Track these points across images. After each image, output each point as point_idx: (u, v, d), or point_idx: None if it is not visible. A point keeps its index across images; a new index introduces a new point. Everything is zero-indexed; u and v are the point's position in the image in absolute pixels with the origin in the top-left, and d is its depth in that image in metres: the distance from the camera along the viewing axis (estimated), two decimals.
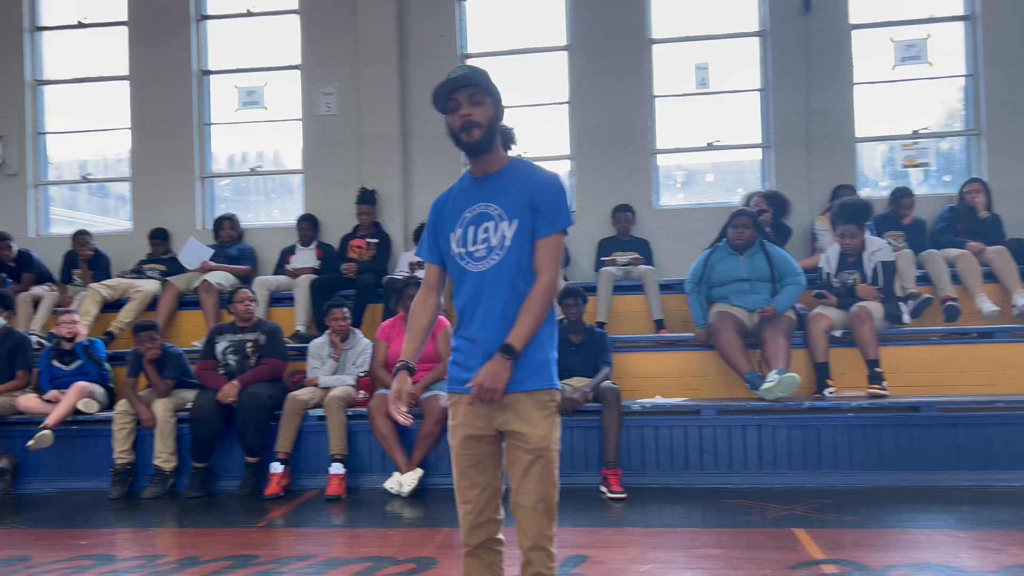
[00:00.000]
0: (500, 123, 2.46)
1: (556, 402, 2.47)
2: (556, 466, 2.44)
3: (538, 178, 2.42)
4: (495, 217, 2.40)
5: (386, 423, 5.47)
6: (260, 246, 7.86)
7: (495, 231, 2.39)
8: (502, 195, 2.41)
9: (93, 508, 5.37)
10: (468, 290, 2.43)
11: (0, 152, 8.12)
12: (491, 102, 2.44)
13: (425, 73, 7.82)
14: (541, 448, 2.39)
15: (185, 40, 8.08)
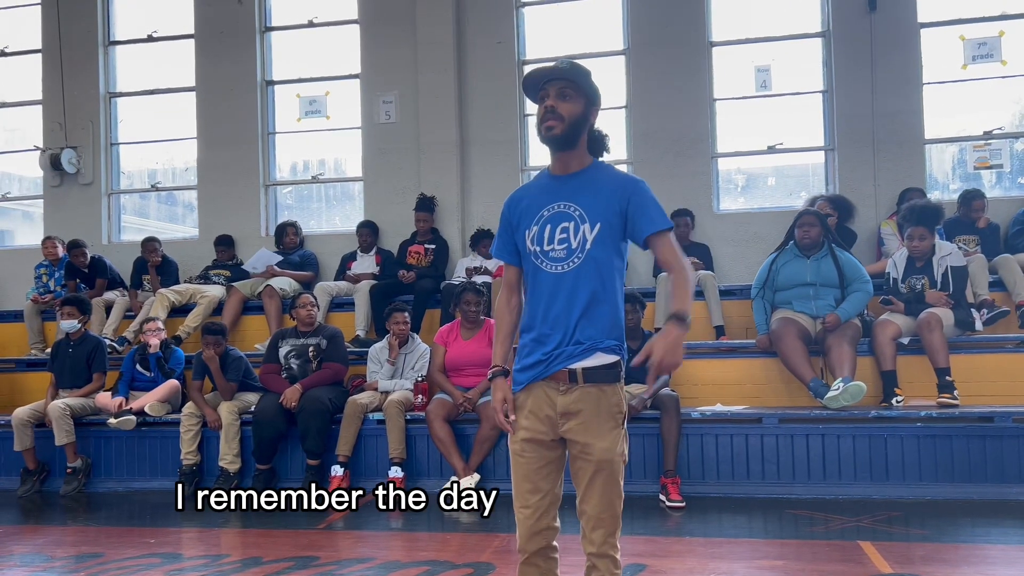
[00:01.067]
0: (588, 123, 2.37)
1: (624, 413, 2.38)
2: (621, 475, 2.38)
3: (627, 181, 2.37)
4: (575, 218, 2.32)
5: (444, 427, 5.51)
6: (321, 252, 8.00)
7: (575, 232, 2.31)
8: (583, 196, 2.34)
9: (161, 508, 5.52)
10: (543, 290, 2.35)
11: (76, 162, 8.45)
12: (582, 100, 2.34)
13: (483, 80, 7.89)
14: (605, 460, 2.33)
15: (250, 52, 8.29)
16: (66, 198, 8.55)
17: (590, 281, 2.30)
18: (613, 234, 2.31)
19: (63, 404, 5.99)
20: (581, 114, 2.33)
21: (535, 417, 2.36)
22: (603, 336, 2.31)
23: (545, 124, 2.32)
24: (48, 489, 6.07)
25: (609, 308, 2.32)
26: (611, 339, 2.32)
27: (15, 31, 8.86)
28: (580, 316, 2.29)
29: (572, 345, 2.31)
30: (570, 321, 2.30)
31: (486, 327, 5.90)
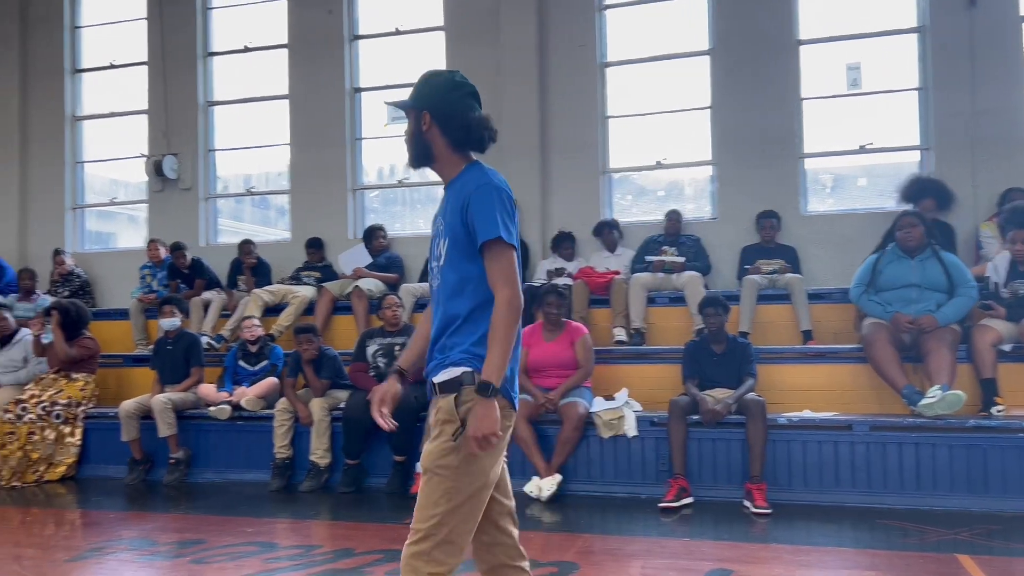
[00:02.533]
0: (428, 130, 2.31)
1: (456, 425, 2.18)
2: (444, 490, 2.17)
3: (469, 186, 2.25)
4: (439, 233, 2.33)
5: (525, 427, 5.58)
6: (406, 254, 8.17)
7: (439, 248, 2.32)
8: (446, 209, 2.32)
9: (256, 498, 5.76)
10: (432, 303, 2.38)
11: (176, 168, 8.88)
12: (412, 114, 2.34)
13: (564, 84, 7.93)
14: (424, 466, 2.23)
15: (339, 60, 8.56)
16: (167, 202, 9.00)
17: (447, 297, 2.26)
18: (461, 246, 2.23)
19: (165, 398, 6.32)
20: (414, 129, 2.33)
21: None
22: (457, 349, 2.23)
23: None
24: (152, 478, 6.41)
25: (465, 323, 2.23)
26: (462, 352, 2.22)
27: (123, 46, 9.37)
28: (442, 331, 2.26)
29: (434, 360, 2.28)
30: (438, 336, 2.28)
31: (568, 329, 5.94)
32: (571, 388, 5.71)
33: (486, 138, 2.34)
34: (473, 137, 2.32)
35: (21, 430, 6.37)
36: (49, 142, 9.41)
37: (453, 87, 2.33)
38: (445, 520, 2.17)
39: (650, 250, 7.16)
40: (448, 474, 2.18)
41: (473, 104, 2.34)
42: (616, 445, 5.62)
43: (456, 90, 2.33)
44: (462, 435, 2.16)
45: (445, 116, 2.30)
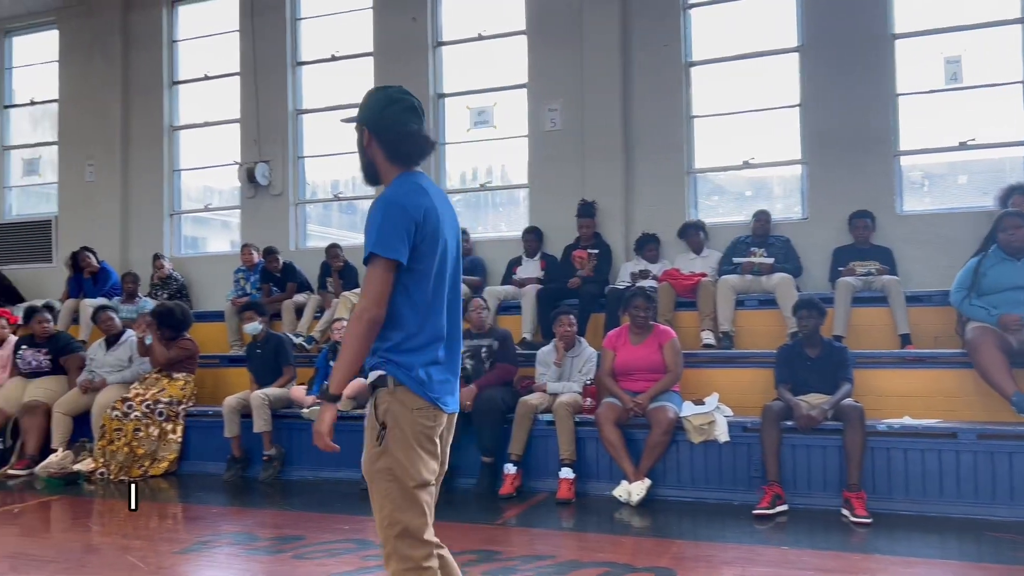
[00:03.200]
0: (369, 146, 2.42)
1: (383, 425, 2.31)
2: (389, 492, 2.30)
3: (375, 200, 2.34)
4: None
5: (614, 431, 5.55)
6: (489, 258, 8.25)
7: None
8: None
9: (349, 496, 5.86)
10: None
11: (268, 175, 9.18)
12: (358, 130, 2.45)
13: (648, 84, 7.87)
14: (366, 474, 2.37)
15: (423, 67, 8.69)
16: (259, 208, 9.31)
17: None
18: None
19: (263, 394, 6.54)
20: (358, 143, 2.45)
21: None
22: (376, 353, 2.33)
23: None
24: (248, 475, 6.63)
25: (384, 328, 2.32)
26: (379, 356, 2.33)
27: (216, 58, 9.74)
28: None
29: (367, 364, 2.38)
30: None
31: (656, 332, 5.89)
32: (660, 392, 5.66)
33: (415, 152, 2.42)
34: (402, 151, 2.40)
35: (127, 427, 6.68)
36: (148, 152, 9.85)
37: (389, 102, 2.42)
38: (394, 519, 2.29)
39: (738, 251, 7.04)
40: (381, 477, 2.30)
41: (408, 118, 2.40)
42: (707, 450, 5.53)
43: (392, 105, 2.41)
44: (384, 437, 2.29)
45: (381, 130, 2.40)
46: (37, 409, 7.07)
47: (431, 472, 2.35)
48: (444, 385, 2.38)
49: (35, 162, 10.77)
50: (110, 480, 6.56)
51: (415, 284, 2.32)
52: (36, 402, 7.10)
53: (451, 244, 2.43)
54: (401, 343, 2.31)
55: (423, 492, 2.32)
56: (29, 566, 4.27)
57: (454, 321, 2.45)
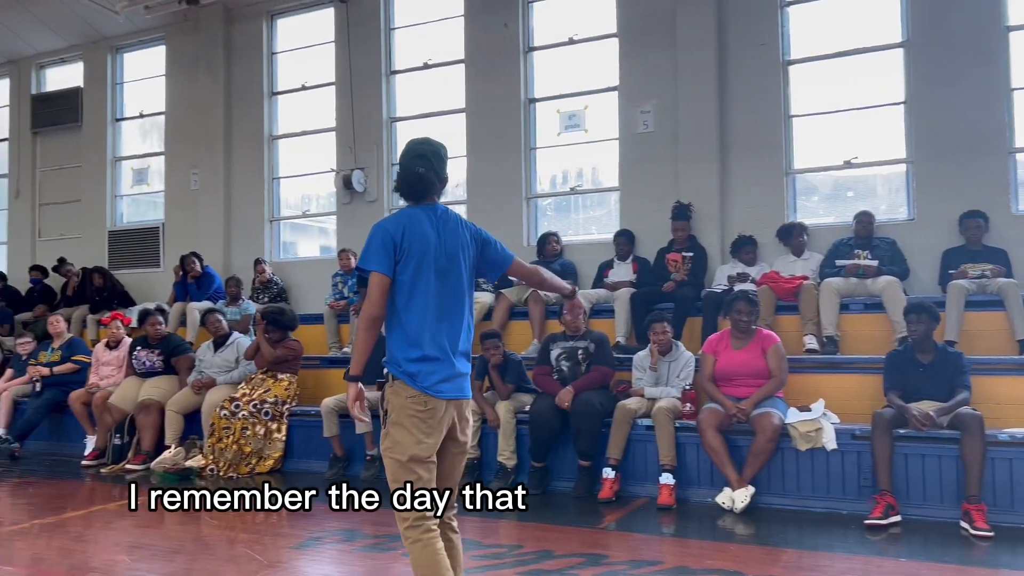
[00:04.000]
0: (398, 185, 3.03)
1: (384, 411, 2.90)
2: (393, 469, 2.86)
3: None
4: None
5: (716, 437, 5.48)
6: (579, 261, 8.25)
7: None
8: None
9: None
10: None
11: (363, 182, 9.41)
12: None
13: (745, 84, 7.74)
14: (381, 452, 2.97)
15: (514, 72, 8.77)
16: (355, 214, 9.55)
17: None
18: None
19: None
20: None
21: None
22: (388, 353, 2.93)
23: None
24: (350, 474, 6.81)
25: (386, 330, 2.95)
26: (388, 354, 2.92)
27: (313, 68, 10.05)
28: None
29: None
30: None
31: (759, 337, 5.78)
32: (764, 398, 5.55)
33: (417, 191, 2.98)
34: (404, 190, 3.00)
35: (235, 425, 6.95)
36: (249, 160, 10.23)
37: (405, 152, 3.04)
38: (401, 487, 2.82)
39: (841, 254, 6.85)
40: (386, 454, 2.88)
41: (414, 164, 2.97)
42: (813, 458, 5.40)
43: (406, 154, 3.02)
44: (387, 421, 2.88)
45: (399, 174, 3.02)
46: (151, 407, 7.42)
47: (425, 449, 2.83)
48: (433, 375, 2.86)
49: (144, 172, 11.33)
50: (219, 476, 6.83)
51: (399, 293, 2.88)
52: (150, 401, 7.46)
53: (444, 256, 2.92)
54: (396, 343, 2.90)
55: (417, 465, 2.82)
56: (151, 556, 4.49)
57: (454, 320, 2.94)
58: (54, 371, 8.34)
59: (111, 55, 11.36)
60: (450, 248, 2.94)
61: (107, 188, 11.31)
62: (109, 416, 7.54)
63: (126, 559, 4.46)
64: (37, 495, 6.39)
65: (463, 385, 2.95)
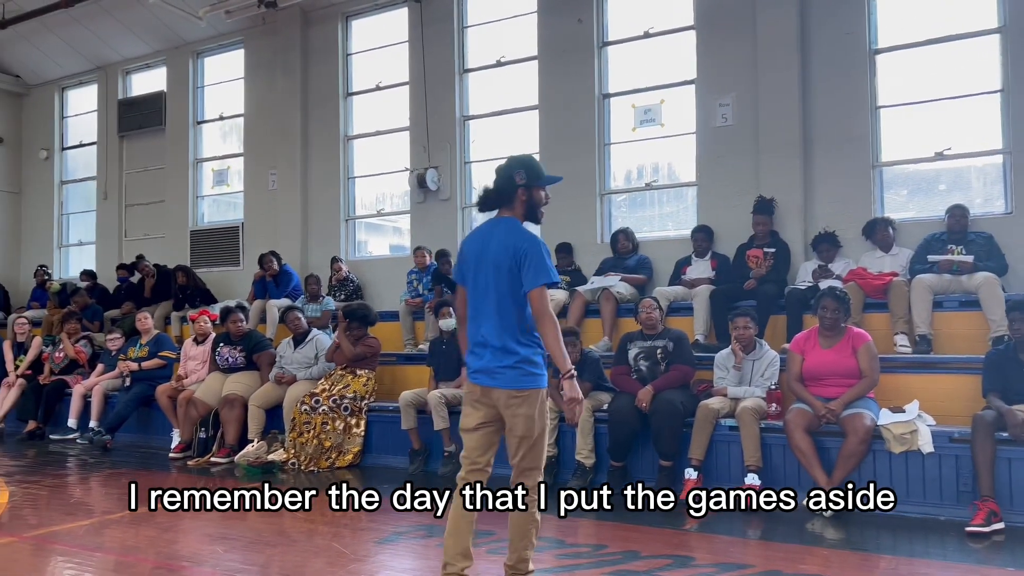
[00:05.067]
0: None
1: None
2: None
3: None
4: None
5: (805, 438, 5.31)
6: (655, 257, 8.13)
7: None
8: None
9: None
10: None
11: (437, 180, 9.47)
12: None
13: (830, 75, 7.51)
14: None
15: (588, 67, 8.69)
16: (428, 212, 9.62)
17: None
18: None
19: (439, 393, 6.73)
20: None
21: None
22: None
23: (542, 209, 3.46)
24: (429, 469, 6.85)
25: None
26: None
27: (387, 68, 10.15)
28: None
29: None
30: None
31: (849, 335, 5.58)
32: (855, 398, 5.35)
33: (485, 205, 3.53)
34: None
35: (316, 420, 7.07)
36: (326, 160, 10.41)
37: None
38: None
39: (933, 249, 6.57)
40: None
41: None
42: (907, 461, 5.19)
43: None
44: None
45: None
46: (235, 402, 7.60)
47: (466, 423, 3.45)
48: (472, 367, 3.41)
49: (224, 173, 11.65)
50: (301, 470, 6.96)
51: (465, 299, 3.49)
52: (234, 395, 7.64)
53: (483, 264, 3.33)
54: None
55: (463, 434, 3.49)
56: (241, 547, 4.58)
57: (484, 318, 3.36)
58: (142, 366, 8.63)
59: (192, 60, 11.71)
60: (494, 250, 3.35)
61: (189, 189, 11.67)
62: (194, 410, 7.75)
63: (218, 550, 4.56)
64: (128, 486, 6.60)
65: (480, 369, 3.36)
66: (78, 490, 6.52)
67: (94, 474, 7.15)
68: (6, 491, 6.28)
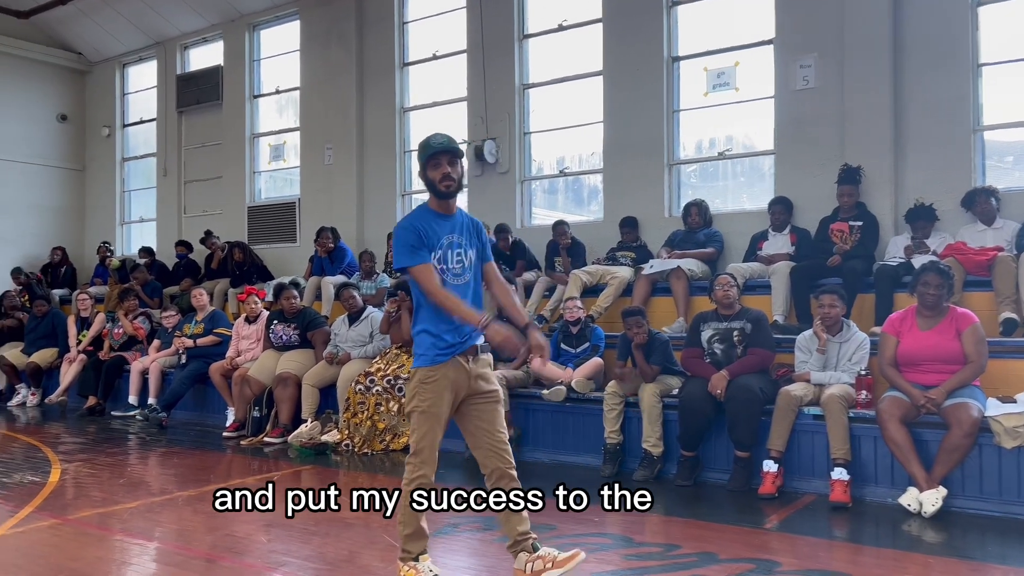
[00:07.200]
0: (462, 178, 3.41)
1: None
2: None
3: (477, 222, 3.53)
4: (463, 245, 3.42)
5: (900, 430, 4.78)
6: (728, 232, 7.63)
7: (465, 255, 3.42)
8: (462, 231, 3.43)
9: (588, 482, 5.48)
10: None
11: (495, 152, 9.08)
12: (460, 164, 3.38)
13: (926, 30, 6.84)
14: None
15: (656, 29, 8.15)
16: (486, 186, 9.25)
17: (476, 285, 3.50)
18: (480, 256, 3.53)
19: (500, 375, 6.37)
20: (461, 175, 3.38)
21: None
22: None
23: (444, 183, 3.32)
24: None
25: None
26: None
27: (444, 37, 9.77)
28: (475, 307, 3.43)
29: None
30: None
31: (951, 316, 5.00)
32: (959, 386, 4.79)
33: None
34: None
35: (370, 400, 6.81)
36: (381, 134, 10.12)
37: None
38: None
39: None
40: None
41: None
42: (1020, 457, 4.62)
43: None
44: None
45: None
46: (288, 381, 7.40)
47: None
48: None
49: (280, 148, 11.48)
50: (355, 452, 6.71)
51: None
52: (287, 374, 7.44)
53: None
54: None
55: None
56: (287, 537, 4.33)
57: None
58: (197, 343, 8.52)
59: (248, 32, 11.53)
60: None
61: (246, 164, 11.55)
62: (248, 389, 7.58)
63: (263, 540, 4.31)
64: (182, 465, 6.47)
65: None
66: (132, 469, 6.40)
67: (150, 452, 7.05)
68: (59, 469, 6.20)
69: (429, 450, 3.43)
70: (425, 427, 3.42)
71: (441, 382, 3.37)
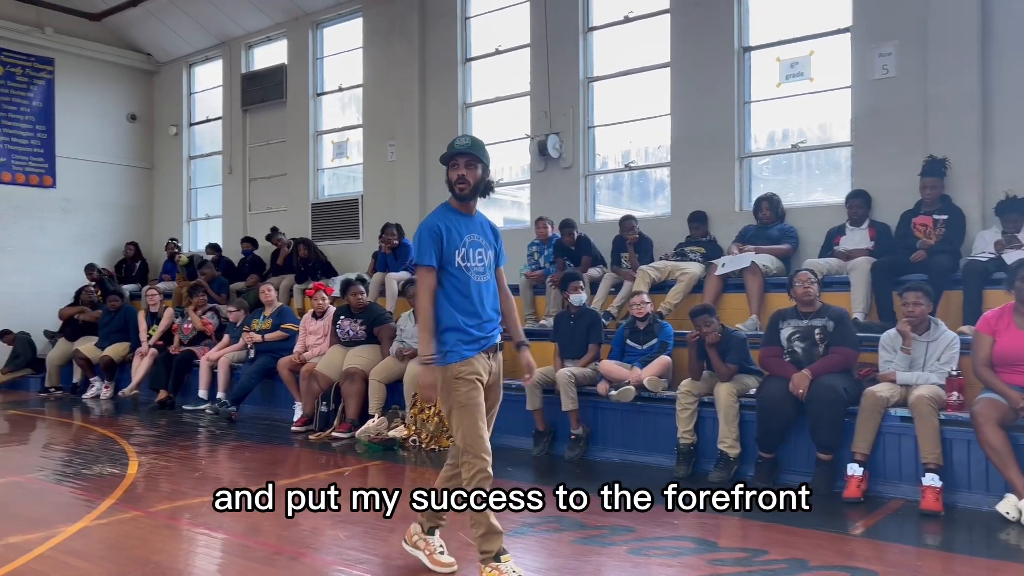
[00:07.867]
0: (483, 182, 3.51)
1: None
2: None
3: (494, 225, 3.68)
4: (484, 245, 3.54)
5: (998, 434, 4.55)
6: (802, 227, 7.40)
7: (486, 255, 3.55)
8: (482, 231, 3.56)
9: (659, 483, 5.35)
10: (474, 291, 3.46)
11: (559, 147, 8.97)
12: (481, 168, 3.48)
13: (1015, 11, 6.50)
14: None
15: (727, 18, 7.94)
16: (549, 181, 9.15)
17: (495, 289, 3.62)
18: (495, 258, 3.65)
19: (569, 372, 6.29)
20: (480, 177, 3.48)
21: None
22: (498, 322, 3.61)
23: (458, 185, 3.46)
24: (554, 452, 6.44)
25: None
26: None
27: (507, 31, 9.69)
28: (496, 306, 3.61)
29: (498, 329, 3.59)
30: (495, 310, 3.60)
31: None
32: None
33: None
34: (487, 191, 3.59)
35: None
36: (444, 130, 10.07)
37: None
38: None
39: None
40: None
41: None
42: None
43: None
44: None
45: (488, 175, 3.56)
46: (355, 376, 7.42)
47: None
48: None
49: (343, 145, 11.55)
50: (422, 448, 6.70)
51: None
52: (354, 369, 7.46)
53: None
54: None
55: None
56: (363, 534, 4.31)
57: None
58: (265, 338, 8.62)
59: (312, 30, 11.63)
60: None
61: (309, 162, 11.66)
62: (316, 384, 7.63)
63: (340, 535, 4.29)
64: (252, 459, 6.53)
65: None
66: (204, 462, 6.49)
67: (220, 446, 7.15)
68: (136, 461, 6.32)
69: (479, 442, 3.39)
70: (468, 420, 3.39)
71: (474, 375, 3.41)
